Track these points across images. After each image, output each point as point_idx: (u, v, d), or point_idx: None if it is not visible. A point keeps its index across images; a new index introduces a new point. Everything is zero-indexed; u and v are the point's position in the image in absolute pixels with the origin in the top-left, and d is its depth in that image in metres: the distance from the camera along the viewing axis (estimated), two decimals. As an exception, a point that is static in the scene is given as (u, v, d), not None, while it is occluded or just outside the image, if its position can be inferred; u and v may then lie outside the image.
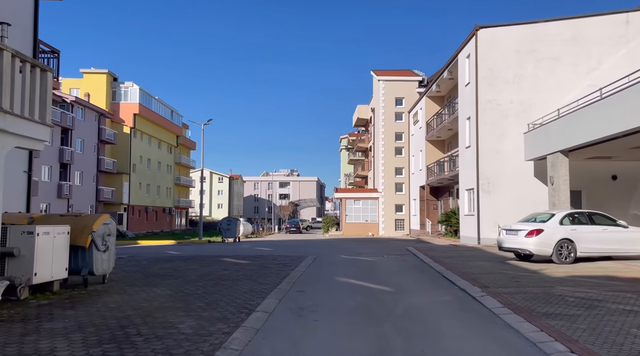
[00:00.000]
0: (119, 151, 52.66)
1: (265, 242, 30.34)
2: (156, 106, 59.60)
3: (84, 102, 44.73)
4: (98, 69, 52.78)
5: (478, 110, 22.01)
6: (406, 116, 42.00)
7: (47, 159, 38.62)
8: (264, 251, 20.17)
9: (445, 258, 15.72)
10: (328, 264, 14.54)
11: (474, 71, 22.24)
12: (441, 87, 31.09)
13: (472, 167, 22.78)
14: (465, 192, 24.18)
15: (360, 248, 22.50)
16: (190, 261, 15.00)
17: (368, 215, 43.16)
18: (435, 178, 30.77)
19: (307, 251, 20.57)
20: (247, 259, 15.71)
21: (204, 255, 17.37)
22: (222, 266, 13.57)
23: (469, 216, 23.38)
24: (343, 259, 16.29)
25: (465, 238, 24.00)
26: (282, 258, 16.11)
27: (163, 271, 12.40)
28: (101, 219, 9.81)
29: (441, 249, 19.61)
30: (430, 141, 33.52)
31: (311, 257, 16.46)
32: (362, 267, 13.92)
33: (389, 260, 16.08)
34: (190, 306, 7.68)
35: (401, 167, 42.94)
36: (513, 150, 21.65)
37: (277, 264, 14.00)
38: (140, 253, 19.43)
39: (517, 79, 21.88)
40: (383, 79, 42.75)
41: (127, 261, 15.21)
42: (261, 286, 9.68)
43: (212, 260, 15.31)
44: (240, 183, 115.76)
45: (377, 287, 10.05)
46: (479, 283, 10.08)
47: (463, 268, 12.91)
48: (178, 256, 17.40)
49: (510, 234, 14.24)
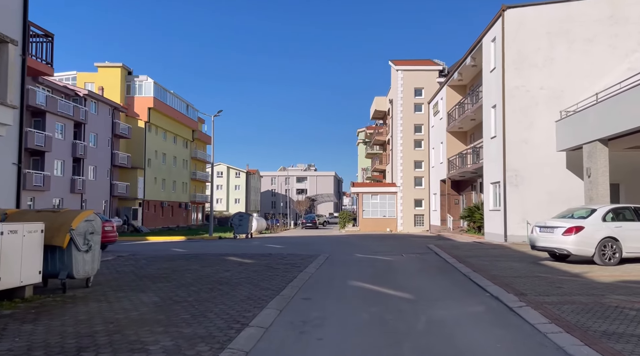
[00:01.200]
0: (134, 146, 52.17)
1: (278, 238, 29.22)
2: (171, 100, 58.98)
3: (98, 96, 44.19)
4: (112, 63, 52.30)
5: (505, 97, 20.40)
6: (426, 106, 40.32)
7: (60, 153, 38.14)
8: (274, 249, 19.00)
9: (470, 258, 14.30)
10: (341, 265, 13.27)
11: (500, 55, 20.61)
12: (463, 75, 29.41)
13: (497, 159, 21.20)
14: (490, 186, 22.60)
15: (377, 246, 21.18)
16: (193, 260, 13.90)
17: (386, 210, 41.72)
18: (457, 171, 29.17)
19: (320, 249, 19.34)
20: (253, 258, 14.55)
21: (209, 253, 16.27)
22: (224, 266, 12.42)
23: (495, 211, 21.82)
24: (358, 259, 15.00)
25: (490, 234, 22.45)
26: (292, 257, 14.89)
27: (159, 272, 11.30)
28: (82, 216, 8.71)
29: (465, 248, 18.16)
30: (451, 132, 31.89)
31: (323, 256, 15.21)
32: (379, 268, 12.62)
33: (409, 260, 14.74)
34: (174, 318, 6.50)
35: (420, 161, 41.33)
36: (543, 140, 20.00)
37: (285, 264, 12.79)
38: (143, 251, 18.46)
39: (548, 63, 20.17)
40: (402, 68, 41.12)
41: (126, 260, 14.19)
42: (262, 292, 8.47)
43: (216, 259, 14.18)
44: (258, 177, 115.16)
45: (394, 294, 8.75)
46: (514, 289, 8.69)
47: (492, 269, 11.51)
48: (182, 254, 16.35)
49: (545, 231, 12.74)
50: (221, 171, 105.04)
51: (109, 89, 50.21)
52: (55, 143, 37.30)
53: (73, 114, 39.42)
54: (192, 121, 65.49)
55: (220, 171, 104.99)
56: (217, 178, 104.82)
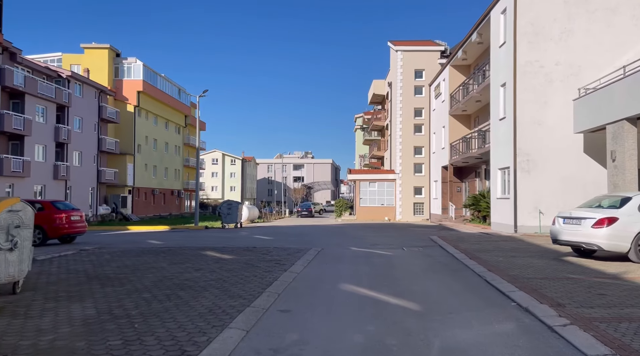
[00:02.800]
0: (123, 131, 50.13)
1: (269, 228, 27.46)
2: (162, 84, 56.78)
3: (82, 78, 42.03)
4: (99, 44, 50.01)
5: (516, 74, 18.50)
6: (427, 89, 38.34)
7: (41, 137, 36.14)
8: (260, 242, 17.23)
9: (480, 252, 12.57)
10: (333, 261, 11.51)
11: (512, 28, 18.67)
12: (468, 53, 27.43)
13: (507, 143, 19.39)
14: (498, 172, 20.82)
15: (375, 237, 19.43)
16: (163, 256, 12.12)
17: (384, 198, 39.95)
18: (461, 157, 27.36)
19: (312, 240, 17.59)
20: (234, 253, 12.77)
21: (186, 247, 14.48)
22: (197, 263, 10.64)
23: (503, 199, 20.07)
24: (353, 253, 13.24)
25: (497, 224, 20.73)
26: (278, 251, 13.13)
27: (117, 272, 9.52)
28: (3, 205, 6.89)
29: (472, 240, 16.42)
30: (454, 115, 30.00)
31: (314, 250, 13.45)
32: (377, 266, 10.85)
33: (411, 255, 12.98)
34: (96, 348, 4.72)
35: (421, 147, 39.47)
36: (558, 121, 18.18)
37: (268, 261, 11.02)
38: (115, 243, 16.66)
39: (565, 35, 18.26)
40: (401, 49, 39.02)
41: (87, 255, 12.41)
42: (230, 302, 6.71)
43: (191, 254, 12.40)
44: (254, 165, 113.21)
45: (397, 303, 6.99)
46: (546, 297, 6.95)
47: (510, 268, 9.76)
48: (155, 247, 14.56)
49: (569, 223, 10.97)
50: (216, 158, 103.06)
51: (96, 71, 48.02)
52: (36, 127, 35.31)
53: (55, 96, 37.33)
54: (184, 106, 63.36)
55: (215, 158, 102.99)
56: (212, 165, 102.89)
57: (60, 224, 15.17)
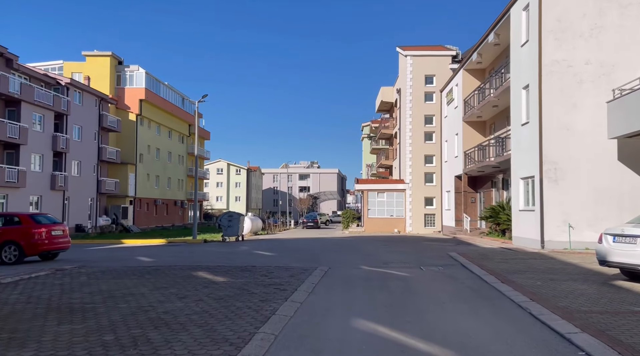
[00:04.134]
0: (124, 140, 48.96)
1: (273, 241, 25.85)
2: (165, 92, 55.74)
3: (82, 85, 40.92)
4: (101, 52, 49.04)
5: (541, 74, 16.92)
6: (438, 95, 36.80)
7: (38, 146, 34.91)
8: (261, 258, 15.64)
9: (512, 274, 10.91)
10: (343, 286, 9.90)
11: (536, 24, 17.14)
12: (483, 56, 25.89)
13: (531, 150, 17.76)
14: (520, 181, 19.16)
15: (387, 252, 17.78)
16: (148, 277, 10.56)
17: (393, 209, 38.25)
18: (476, 166, 25.70)
19: (318, 257, 15.98)
20: (229, 273, 11.19)
21: (177, 265, 12.91)
22: (183, 288, 9.08)
23: (527, 211, 18.38)
24: (365, 274, 11.62)
25: (519, 239, 19.02)
26: (280, 271, 11.53)
27: (85, 301, 7.98)
28: None
29: (496, 257, 14.74)
30: (468, 122, 28.41)
31: (320, 270, 11.84)
32: (395, 292, 9.23)
33: (432, 276, 11.34)
34: None
35: (432, 155, 37.83)
36: (589, 125, 16.57)
37: (267, 285, 9.44)
38: (102, 259, 15.13)
39: (596, 32, 16.70)
40: (411, 54, 37.58)
41: (62, 277, 10.89)
42: (212, 350, 5.13)
43: (180, 276, 10.84)
44: (259, 175, 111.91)
45: (428, 351, 5.37)
46: (620, 342, 5.34)
47: (555, 296, 8.13)
48: (143, 266, 13.00)
49: (622, 242, 9.32)
50: (221, 168, 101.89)
51: (97, 79, 47.00)
52: (33, 135, 34.10)
53: (53, 104, 36.18)
54: (188, 115, 62.21)
55: (220, 167, 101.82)
56: (217, 175, 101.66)
57: (40, 239, 13.68)
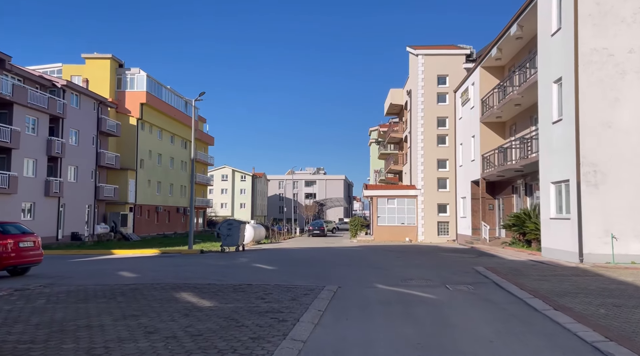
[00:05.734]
0: (125, 145, 47.40)
1: (275, 252, 23.90)
2: (167, 96, 54.22)
3: (79, 88, 39.38)
4: (101, 54, 47.63)
5: (578, 65, 14.97)
6: (451, 96, 34.85)
7: (32, 151, 33.29)
8: (260, 273, 13.70)
9: (561, 297, 8.93)
10: (357, 314, 7.95)
11: (571, 9, 15.21)
12: (503, 51, 23.94)
13: (565, 151, 15.77)
14: (551, 186, 17.14)
15: (404, 266, 15.78)
16: (120, 300, 8.67)
17: (404, 217, 36.20)
18: (496, 170, 23.68)
19: (326, 272, 14.03)
20: (218, 295, 9.26)
21: (160, 283, 10.99)
22: (157, 317, 7.18)
23: (560, 220, 16.34)
24: (382, 297, 9.64)
25: (550, 251, 16.96)
26: (280, 292, 9.59)
27: (20, 339, 6.11)
28: None
29: (532, 273, 12.71)
30: (486, 123, 26.43)
31: (328, 291, 9.89)
32: (423, 324, 7.27)
33: (462, 299, 9.36)
34: None
35: (445, 159, 35.81)
36: (634, 122, 14.60)
37: (261, 313, 7.51)
38: (78, 274, 13.24)
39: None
40: (422, 53, 35.71)
41: (17, 300, 9.02)
42: None
43: (158, 298, 8.93)
44: (264, 181, 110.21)
45: None
46: None
47: (634, 332, 6.14)
48: (120, 283, 11.10)
49: None
50: (226, 174, 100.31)
51: (97, 82, 45.52)
52: (26, 139, 32.51)
53: (48, 106, 34.61)
54: (191, 120, 60.55)
55: (224, 174, 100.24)
56: (222, 182, 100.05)
57: (4, 252, 11.86)
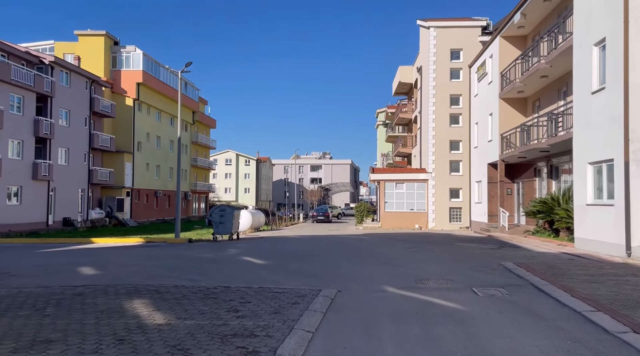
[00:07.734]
0: (121, 127, 45.26)
1: (273, 241, 21.77)
2: (165, 76, 51.73)
3: (69, 65, 37.09)
4: (95, 31, 45.25)
5: (628, 21, 12.48)
6: (465, 72, 32.22)
7: (17, 131, 31.24)
8: (245, 271, 11.53)
9: (631, 309, 6.68)
10: (359, 336, 5.74)
11: (620, -47, 12.66)
12: (528, 17, 21.29)
13: (609, 125, 13.36)
14: (588, 167, 14.76)
15: (417, 261, 13.56)
16: (47, 313, 6.53)
17: (414, 202, 33.93)
18: (518, 151, 21.26)
19: (324, 267, 11.84)
20: (180, 305, 7.09)
21: (116, 286, 8.84)
22: (75, 347, 5.02)
23: (600, 206, 14.01)
24: (393, 307, 7.43)
25: (586, 242, 14.65)
26: (261, 299, 7.39)
27: None
28: None
29: (576, 272, 10.43)
30: (506, 99, 23.91)
31: (324, 297, 7.69)
32: (451, 352, 5.05)
33: (498, 310, 7.12)
34: None
35: (458, 141, 33.34)
36: (696, 89, 12.10)
37: (226, 336, 5.32)
38: (28, 269, 11.13)
39: None
40: (434, 25, 32.99)
41: None
42: None
43: (99, 310, 6.78)
44: (269, 166, 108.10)
45: None
46: None
47: None
48: (68, 285, 8.95)
49: None
50: (230, 159, 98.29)
51: (91, 61, 43.23)
52: (10, 119, 30.43)
53: (34, 84, 32.44)
54: (192, 101, 58.25)
55: (228, 158, 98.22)
56: (226, 166, 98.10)
57: None
